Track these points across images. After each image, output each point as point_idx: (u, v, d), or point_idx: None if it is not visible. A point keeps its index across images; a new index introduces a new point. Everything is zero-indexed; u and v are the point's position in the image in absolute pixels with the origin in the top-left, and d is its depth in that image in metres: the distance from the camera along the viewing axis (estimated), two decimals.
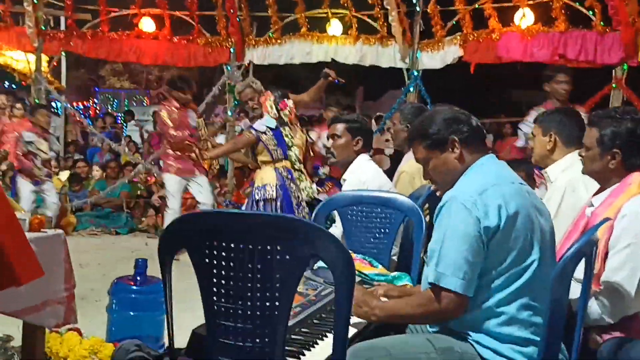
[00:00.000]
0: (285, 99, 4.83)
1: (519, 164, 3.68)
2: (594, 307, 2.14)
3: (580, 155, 2.48)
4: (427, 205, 3.21)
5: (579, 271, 1.88)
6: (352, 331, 1.87)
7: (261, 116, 4.73)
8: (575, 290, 1.94)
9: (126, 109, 15.79)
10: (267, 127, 4.65)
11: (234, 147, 5.14)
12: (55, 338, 2.70)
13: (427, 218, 2.98)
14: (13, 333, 2.76)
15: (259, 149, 4.67)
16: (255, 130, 4.64)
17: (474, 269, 1.79)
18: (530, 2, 7.09)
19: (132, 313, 3.07)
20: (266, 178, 4.62)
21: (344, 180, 3.49)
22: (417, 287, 2.24)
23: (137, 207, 8.06)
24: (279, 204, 4.56)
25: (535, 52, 6.82)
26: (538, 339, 1.81)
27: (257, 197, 4.58)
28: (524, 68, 7.66)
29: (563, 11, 6.82)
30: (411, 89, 7.72)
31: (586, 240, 1.84)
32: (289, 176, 4.65)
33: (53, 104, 10.80)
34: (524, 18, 7.03)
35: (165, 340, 3.11)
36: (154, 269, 2.96)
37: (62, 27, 9.03)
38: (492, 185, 1.85)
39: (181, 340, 1.75)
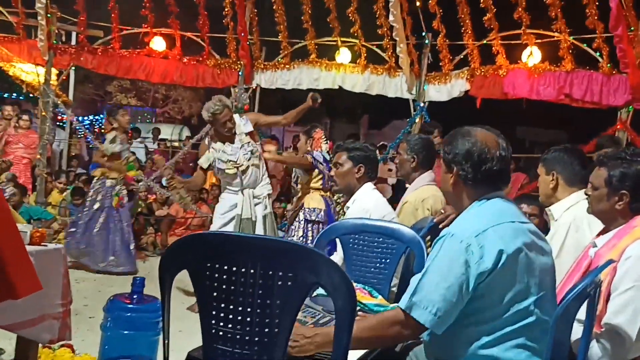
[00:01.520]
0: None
1: (529, 199, 3.67)
2: (594, 349, 2.11)
3: (586, 194, 2.47)
4: (428, 237, 3.20)
5: (581, 312, 1.86)
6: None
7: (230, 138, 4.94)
8: (576, 332, 1.91)
9: (132, 126, 15.83)
10: (324, 158, 5.20)
11: (289, 160, 5.90)
12: (47, 354, 2.66)
13: (429, 250, 2.96)
14: (5, 347, 2.72)
15: (314, 174, 5.22)
16: (315, 158, 5.17)
17: (449, 309, 1.75)
18: (538, 41, 7.17)
19: (126, 332, 3.02)
20: (315, 202, 5.14)
21: (347, 207, 3.49)
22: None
23: (137, 225, 8.03)
24: (323, 227, 4.93)
25: (542, 90, 6.87)
26: None
27: (307, 218, 5.08)
28: (530, 105, 7.71)
29: (570, 51, 6.90)
30: (416, 120, 7.76)
31: (590, 281, 1.82)
32: (332, 204, 5.24)
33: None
34: (531, 56, 7.10)
35: None
36: (151, 288, 2.95)
37: (74, 42, 9.12)
38: (492, 226, 1.82)
39: None
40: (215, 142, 4.85)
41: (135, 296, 3.09)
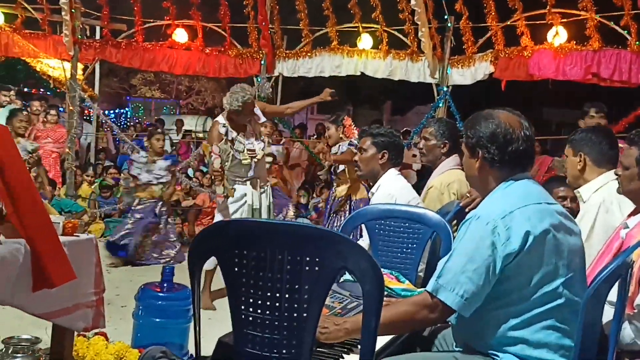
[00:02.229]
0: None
1: (558, 182, 3.61)
2: (627, 331, 2.08)
3: (616, 175, 2.43)
4: (455, 222, 3.18)
5: (612, 294, 1.84)
6: (378, 345, 1.85)
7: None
8: (607, 314, 1.89)
9: (156, 117, 16.01)
10: None
11: (345, 158, 5.56)
12: (82, 342, 2.73)
13: (455, 234, 2.95)
14: (41, 335, 2.79)
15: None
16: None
17: (476, 291, 1.75)
18: (564, 20, 7.04)
19: (157, 320, 3.09)
20: (361, 193, 5.22)
21: (372, 193, 3.49)
22: None
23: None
24: None
25: (568, 70, 6.75)
26: None
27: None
28: (556, 86, 7.58)
29: (597, 30, 6.75)
30: (440, 105, 7.69)
31: (621, 262, 1.79)
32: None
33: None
34: (557, 36, 6.97)
35: (190, 349, 3.14)
36: (180, 277, 3.00)
37: (98, 36, 9.23)
38: (518, 207, 1.80)
39: (206, 349, 1.75)
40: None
41: (165, 285, 3.16)
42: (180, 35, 8.41)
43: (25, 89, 12.27)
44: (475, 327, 1.86)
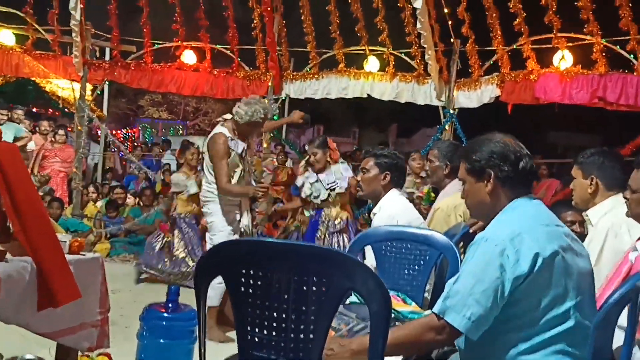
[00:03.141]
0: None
1: (565, 206, 3.60)
2: (637, 355, 2.05)
3: (625, 198, 2.42)
4: (462, 244, 3.16)
5: (622, 318, 1.82)
6: None
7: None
8: (618, 338, 1.86)
9: (163, 138, 16.10)
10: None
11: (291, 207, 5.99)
12: None
13: (462, 257, 2.93)
14: (44, 355, 2.78)
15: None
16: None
17: (483, 314, 1.73)
18: (570, 44, 7.06)
19: (162, 340, 3.05)
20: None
21: (374, 214, 3.48)
22: None
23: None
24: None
25: (574, 94, 6.76)
26: None
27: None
28: (562, 109, 7.59)
29: (603, 54, 6.77)
30: (446, 127, 7.70)
31: (631, 286, 1.77)
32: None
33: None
34: (563, 60, 6.99)
35: None
36: (186, 297, 2.98)
37: (107, 57, 9.33)
38: (526, 230, 1.78)
39: None
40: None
41: (170, 305, 3.13)
42: (188, 57, 8.50)
43: (34, 109, 12.39)
44: (484, 351, 1.83)
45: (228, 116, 4.49)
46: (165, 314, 3.09)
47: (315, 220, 5.33)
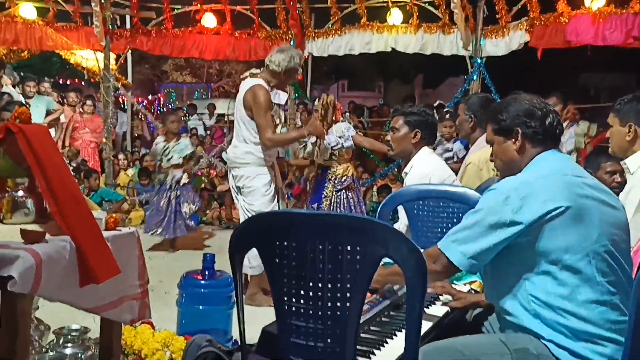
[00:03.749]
0: None
1: (600, 156, 3.52)
2: None
3: None
4: None
5: None
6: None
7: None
8: None
9: (189, 103, 16.16)
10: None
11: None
12: (129, 331, 2.79)
13: None
14: (90, 325, 2.87)
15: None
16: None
17: (480, 252, 1.81)
18: None
19: (201, 307, 3.14)
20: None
21: (405, 174, 3.44)
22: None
23: (201, 200, 8.23)
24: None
25: (608, 35, 6.51)
26: (616, 336, 1.73)
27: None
28: (594, 51, 7.33)
29: None
30: (474, 77, 7.54)
31: None
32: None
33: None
34: (595, 0, 6.71)
35: (234, 334, 3.18)
36: (221, 262, 3.03)
37: (128, 25, 9.30)
38: (537, 179, 1.83)
39: (248, 333, 1.76)
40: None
41: (206, 272, 3.20)
42: (209, 20, 8.42)
43: (61, 81, 12.51)
44: (511, 306, 1.85)
45: (255, 70, 4.28)
46: (202, 282, 3.17)
47: (322, 179, 5.34)
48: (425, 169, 3.33)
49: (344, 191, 5.29)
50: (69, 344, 2.77)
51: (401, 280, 1.77)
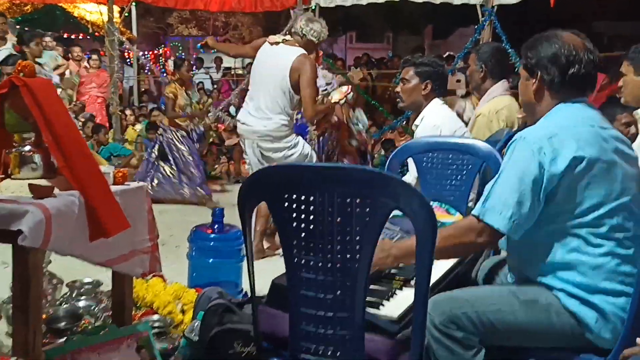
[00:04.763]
0: None
1: (620, 107, 3.45)
2: None
3: None
4: (505, 150, 3.10)
5: None
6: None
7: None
8: None
9: (195, 57, 15.98)
10: None
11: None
12: (141, 284, 2.83)
13: None
14: (102, 278, 2.91)
15: None
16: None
17: (523, 213, 1.72)
18: None
19: (211, 260, 3.17)
20: None
21: (416, 126, 3.41)
22: None
23: (209, 154, 8.23)
24: None
25: None
26: (629, 289, 1.72)
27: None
28: None
29: None
30: (485, 27, 7.37)
31: None
32: None
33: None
34: None
35: (244, 286, 3.22)
36: (230, 215, 3.04)
37: None
38: (566, 129, 1.76)
39: (258, 285, 1.77)
40: None
41: (216, 226, 3.22)
42: None
43: (65, 35, 12.36)
44: (527, 253, 1.84)
45: (287, 37, 4.14)
46: (212, 235, 3.20)
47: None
48: (436, 120, 3.28)
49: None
50: (82, 297, 2.83)
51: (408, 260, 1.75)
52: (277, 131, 4.06)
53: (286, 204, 1.55)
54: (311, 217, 1.52)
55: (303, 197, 1.52)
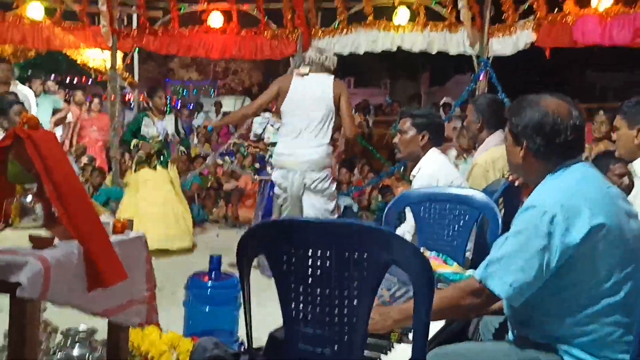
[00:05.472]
0: None
1: (608, 159, 3.49)
2: None
3: None
4: (501, 200, 3.13)
5: None
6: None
7: None
8: None
9: (194, 103, 16.19)
10: None
11: None
12: (136, 333, 2.80)
13: (502, 212, 2.90)
14: (98, 326, 2.88)
15: None
16: None
17: (526, 281, 1.69)
18: None
19: (207, 308, 3.15)
20: None
21: (413, 176, 3.45)
22: None
23: (208, 198, 8.25)
24: None
25: (615, 34, 6.45)
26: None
27: None
28: (601, 49, 7.28)
29: None
30: (481, 77, 7.51)
31: None
32: None
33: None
34: None
35: (240, 334, 3.19)
36: (226, 261, 3.03)
37: (135, 24, 9.31)
38: (575, 192, 1.72)
39: (255, 333, 1.76)
40: None
41: (213, 273, 3.21)
42: (215, 19, 8.41)
43: (68, 78, 12.55)
44: (531, 316, 1.80)
45: (304, 69, 4.28)
46: (209, 283, 3.18)
47: None
48: (433, 170, 3.32)
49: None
50: (77, 345, 2.79)
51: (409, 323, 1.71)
52: (324, 160, 4.18)
53: (284, 257, 1.57)
54: (309, 270, 1.54)
55: (301, 251, 1.54)
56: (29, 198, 1.87)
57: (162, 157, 6.13)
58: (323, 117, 4.13)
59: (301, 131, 4.16)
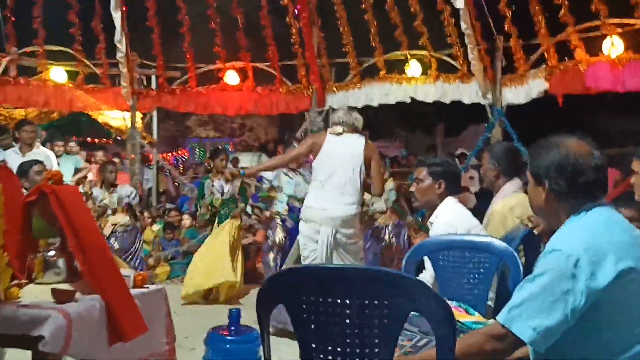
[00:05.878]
0: None
1: (626, 202, 3.46)
2: None
3: None
4: (522, 246, 3.09)
5: None
6: None
7: None
8: None
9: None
10: None
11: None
12: None
13: (523, 259, 2.86)
14: None
15: None
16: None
17: (550, 325, 1.64)
18: (619, 30, 6.81)
19: None
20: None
21: (431, 224, 3.43)
22: None
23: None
24: None
25: (627, 81, 6.51)
26: None
27: None
28: (615, 95, 7.32)
29: None
30: (495, 126, 7.56)
31: None
32: None
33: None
34: (613, 47, 6.74)
35: None
36: (244, 315, 3.01)
37: (154, 85, 9.59)
38: (600, 236, 1.69)
39: None
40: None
41: (233, 328, 3.18)
42: (231, 78, 8.65)
43: (89, 140, 12.84)
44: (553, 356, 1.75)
45: (339, 128, 4.51)
46: (228, 337, 3.14)
47: None
48: (450, 218, 3.31)
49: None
50: None
51: None
52: (355, 217, 4.33)
53: (304, 306, 1.56)
54: (329, 319, 1.53)
55: (320, 299, 1.53)
56: (52, 252, 1.90)
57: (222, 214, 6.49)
58: (355, 175, 4.30)
59: (334, 187, 4.32)
